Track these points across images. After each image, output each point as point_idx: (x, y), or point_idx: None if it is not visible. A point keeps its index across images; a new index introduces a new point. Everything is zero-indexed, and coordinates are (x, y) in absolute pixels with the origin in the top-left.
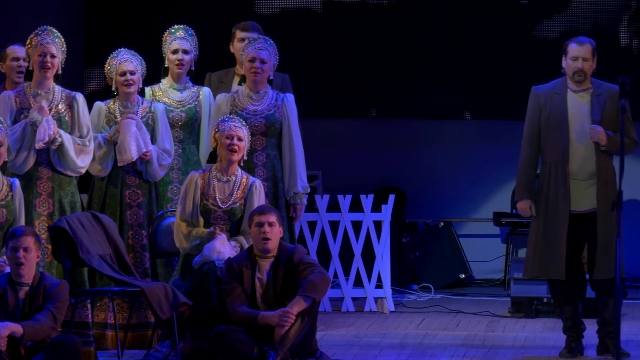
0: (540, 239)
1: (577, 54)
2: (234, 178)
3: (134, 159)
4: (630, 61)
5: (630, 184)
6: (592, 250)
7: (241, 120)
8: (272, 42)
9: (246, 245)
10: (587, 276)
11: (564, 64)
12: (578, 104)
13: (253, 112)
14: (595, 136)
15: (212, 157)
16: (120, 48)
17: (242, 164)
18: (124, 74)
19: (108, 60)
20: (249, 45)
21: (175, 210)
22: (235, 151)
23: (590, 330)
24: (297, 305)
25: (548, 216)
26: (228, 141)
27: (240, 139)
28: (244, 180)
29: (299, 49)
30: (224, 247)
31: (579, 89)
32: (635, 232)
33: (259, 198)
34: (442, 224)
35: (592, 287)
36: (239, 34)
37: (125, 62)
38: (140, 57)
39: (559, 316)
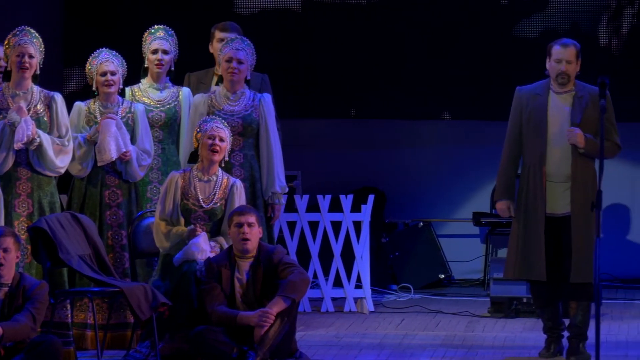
0: (520, 240)
1: (561, 56)
2: (215, 178)
3: (113, 159)
4: (610, 61)
5: (609, 185)
6: (567, 253)
7: (223, 121)
8: (249, 42)
9: (225, 246)
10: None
11: (547, 65)
12: (559, 105)
13: (230, 112)
14: (573, 138)
15: (193, 157)
16: (102, 48)
17: (222, 165)
18: (104, 74)
19: (89, 60)
20: (226, 46)
21: (154, 211)
22: (217, 152)
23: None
24: (277, 306)
25: (527, 218)
26: (210, 141)
27: (222, 140)
28: (224, 180)
29: (279, 49)
30: (206, 245)
31: (562, 90)
32: (613, 233)
33: (240, 198)
34: (421, 224)
35: (567, 291)
36: (218, 35)
37: (106, 63)
38: (122, 58)
39: (539, 316)
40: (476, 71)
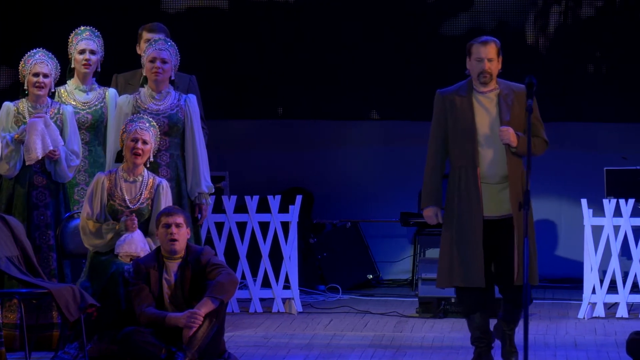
0: (455, 247)
1: (482, 54)
2: (140, 179)
3: (40, 157)
4: (537, 59)
5: (537, 183)
6: (507, 257)
7: (150, 120)
8: (172, 42)
9: (154, 247)
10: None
11: (468, 65)
12: (485, 106)
13: (156, 111)
14: (506, 138)
15: (119, 157)
16: (39, 48)
17: (148, 166)
18: (37, 75)
19: (24, 58)
20: (149, 47)
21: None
22: (139, 155)
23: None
24: (205, 307)
25: (461, 222)
26: (132, 144)
27: (145, 142)
28: (150, 180)
29: (206, 49)
30: (145, 244)
31: (485, 90)
32: (541, 233)
33: (166, 198)
34: (349, 224)
35: (508, 296)
36: (146, 35)
37: (40, 64)
38: (57, 61)
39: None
40: (404, 71)
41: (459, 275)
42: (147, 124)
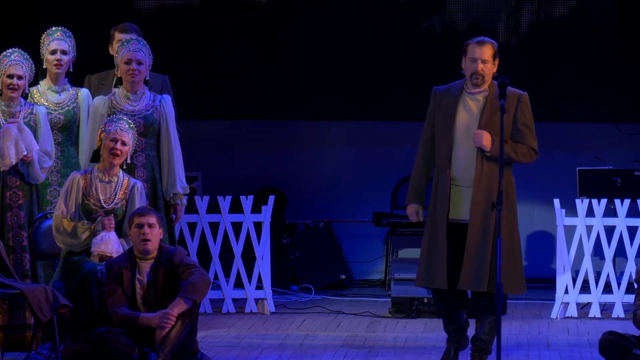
0: (426, 247)
1: (476, 54)
2: (115, 179)
3: (13, 164)
4: (510, 58)
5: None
6: (474, 261)
7: (129, 121)
8: (145, 42)
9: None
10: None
11: (463, 64)
12: (469, 107)
13: (131, 112)
14: (478, 141)
15: (95, 156)
16: (15, 48)
17: (124, 167)
18: (11, 77)
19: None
20: (122, 48)
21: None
22: (118, 155)
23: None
24: (178, 307)
25: (433, 224)
26: (112, 144)
27: (124, 144)
28: (125, 181)
29: (178, 49)
30: (119, 245)
31: (475, 91)
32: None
33: (140, 199)
34: (322, 224)
35: (473, 301)
36: (118, 36)
37: (15, 66)
38: (32, 62)
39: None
40: (376, 71)
41: (426, 276)
42: (127, 125)
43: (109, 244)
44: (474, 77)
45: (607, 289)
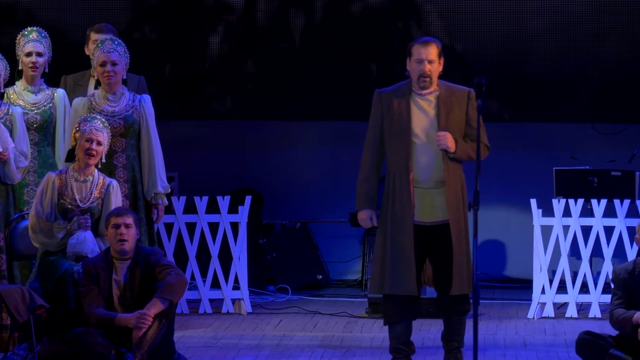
0: (388, 253)
1: (422, 55)
2: (91, 178)
3: None
4: (485, 57)
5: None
6: (445, 264)
7: (103, 120)
8: (120, 41)
9: (104, 248)
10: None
11: (408, 66)
12: (423, 108)
13: (111, 113)
14: (443, 143)
15: (70, 156)
16: None
17: (99, 166)
18: None
19: None
20: (97, 49)
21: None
22: (93, 155)
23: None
24: (155, 307)
25: (394, 228)
26: (87, 145)
27: (99, 144)
28: (101, 180)
29: (154, 49)
30: (95, 245)
31: (425, 92)
32: (490, 233)
33: (116, 198)
34: (298, 224)
35: (444, 306)
36: (94, 36)
37: None
38: (6, 63)
39: (389, 333)
40: (352, 71)
41: (392, 283)
42: (101, 125)
43: (85, 244)
44: (422, 78)
45: (584, 289)
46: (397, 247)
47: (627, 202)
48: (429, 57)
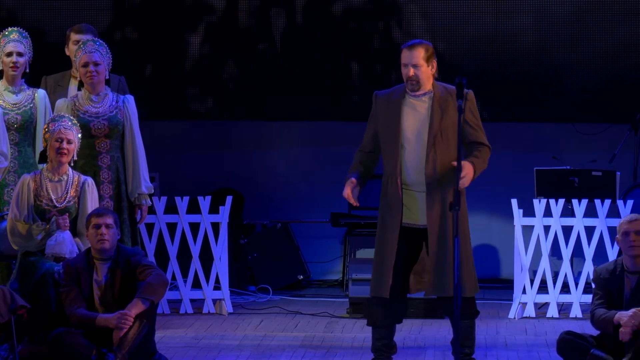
0: (376, 254)
1: (406, 59)
2: (65, 177)
3: None
4: (466, 58)
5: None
6: (439, 266)
7: (72, 118)
8: (101, 42)
9: (83, 248)
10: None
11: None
12: (415, 110)
13: (95, 114)
14: (467, 183)
15: (42, 157)
16: None
17: (72, 164)
18: None
19: None
20: (79, 50)
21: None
22: (65, 154)
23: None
24: (136, 308)
25: (383, 229)
26: (57, 144)
27: (69, 142)
28: (76, 179)
29: (135, 49)
30: (73, 246)
31: (419, 93)
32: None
33: (92, 196)
34: (279, 225)
35: (446, 309)
36: (74, 37)
37: None
38: None
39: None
40: (332, 72)
41: (373, 283)
42: (70, 123)
43: (63, 245)
44: (409, 82)
45: (565, 289)
46: (383, 251)
47: (607, 202)
48: (412, 61)
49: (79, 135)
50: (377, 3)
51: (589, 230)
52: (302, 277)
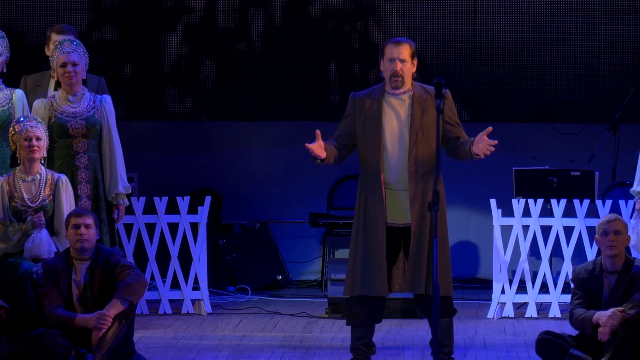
0: (361, 254)
1: (394, 54)
2: (38, 177)
3: None
4: (445, 57)
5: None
6: (415, 263)
7: (36, 117)
8: (79, 42)
9: (61, 248)
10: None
11: (381, 66)
12: (396, 110)
13: (73, 114)
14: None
15: (13, 161)
16: None
17: (43, 162)
18: None
19: None
20: (56, 51)
21: None
22: (36, 150)
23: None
24: (114, 308)
25: (367, 229)
26: (27, 143)
27: (38, 139)
28: (49, 177)
29: (114, 49)
30: (51, 245)
31: (398, 91)
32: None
33: (67, 193)
34: (258, 225)
35: (423, 307)
36: (54, 37)
37: None
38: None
39: (351, 334)
40: (310, 72)
41: (364, 284)
42: (35, 122)
43: (41, 246)
44: (394, 78)
45: (544, 289)
46: (369, 251)
47: (586, 202)
48: (400, 56)
49: (47, 133)
50: (355, 3)
51: (568, 230)
52: (280, 277)
